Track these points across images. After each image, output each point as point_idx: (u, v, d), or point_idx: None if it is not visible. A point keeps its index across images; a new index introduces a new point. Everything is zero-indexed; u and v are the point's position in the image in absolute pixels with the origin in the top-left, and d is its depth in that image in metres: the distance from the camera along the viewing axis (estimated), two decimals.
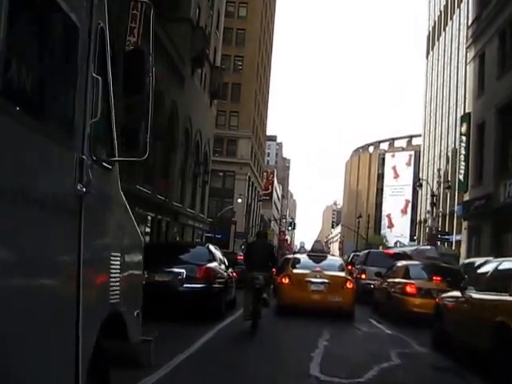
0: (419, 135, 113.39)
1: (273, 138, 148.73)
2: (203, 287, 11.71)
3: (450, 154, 76.05)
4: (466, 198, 34.64)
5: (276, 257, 13.69)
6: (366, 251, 25.40)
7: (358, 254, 28.14)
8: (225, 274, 13.53)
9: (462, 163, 36.15)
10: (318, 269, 14.70)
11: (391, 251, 26.48)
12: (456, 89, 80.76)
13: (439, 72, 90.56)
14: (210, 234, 55.68)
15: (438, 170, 73.87)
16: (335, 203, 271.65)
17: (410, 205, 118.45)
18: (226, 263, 14.71)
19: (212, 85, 45.37)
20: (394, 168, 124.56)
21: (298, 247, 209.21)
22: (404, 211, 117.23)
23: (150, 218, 32.18)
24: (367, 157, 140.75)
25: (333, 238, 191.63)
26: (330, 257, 18.28)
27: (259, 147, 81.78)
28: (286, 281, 14.49)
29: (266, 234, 14.41)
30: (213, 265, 12.71)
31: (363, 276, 20.58)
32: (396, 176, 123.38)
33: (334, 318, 13.23)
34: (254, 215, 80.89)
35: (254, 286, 11.29)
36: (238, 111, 68.36)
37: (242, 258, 19.19)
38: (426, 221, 57.80)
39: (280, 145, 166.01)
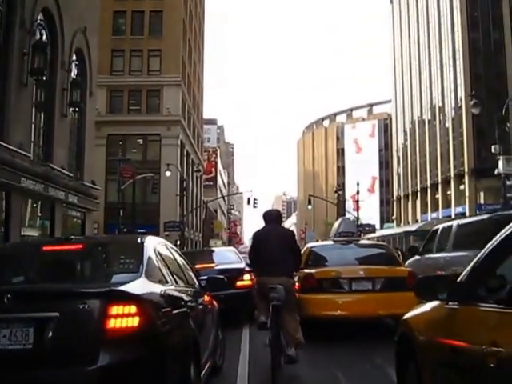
0: (384, 102, 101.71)
1: (213, 122, 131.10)
2: None
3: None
4: None
5: (300, 250, 7.40)
6: None
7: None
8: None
9: None
10: None
11: None
12: (438, 22, 65.45)
13: (411, 12, 75.58)
14: (128, 228, 35.00)
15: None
16: (284, 194, 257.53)
17: (377, 182, 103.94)
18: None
19: None
20: (355, 141, 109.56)
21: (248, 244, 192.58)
22: (371, 190, 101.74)
23: None
24: (322, 132, 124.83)
25: None
26: None
27: (194, 105, 61.48)
28: None
29: (279, 214, 7.61)
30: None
31: None
32: (358, 150, 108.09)
33: None
34: (194, 199, 60.65)
35: (269, 303, 6.40)
36: (159, 49, 48.97)
37: None
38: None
39: (221, 128, 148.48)
